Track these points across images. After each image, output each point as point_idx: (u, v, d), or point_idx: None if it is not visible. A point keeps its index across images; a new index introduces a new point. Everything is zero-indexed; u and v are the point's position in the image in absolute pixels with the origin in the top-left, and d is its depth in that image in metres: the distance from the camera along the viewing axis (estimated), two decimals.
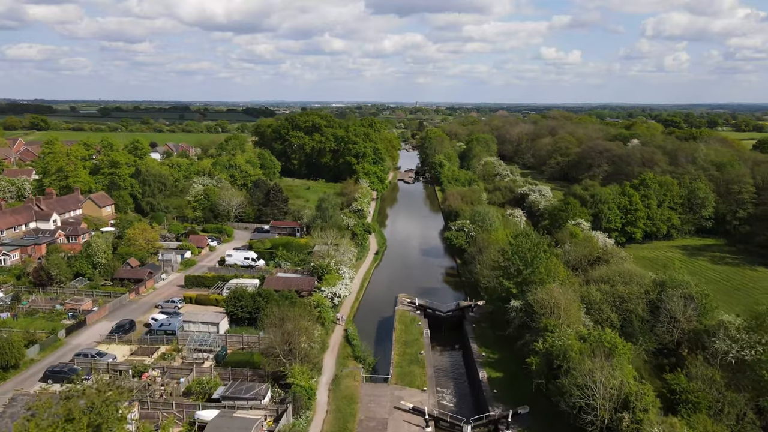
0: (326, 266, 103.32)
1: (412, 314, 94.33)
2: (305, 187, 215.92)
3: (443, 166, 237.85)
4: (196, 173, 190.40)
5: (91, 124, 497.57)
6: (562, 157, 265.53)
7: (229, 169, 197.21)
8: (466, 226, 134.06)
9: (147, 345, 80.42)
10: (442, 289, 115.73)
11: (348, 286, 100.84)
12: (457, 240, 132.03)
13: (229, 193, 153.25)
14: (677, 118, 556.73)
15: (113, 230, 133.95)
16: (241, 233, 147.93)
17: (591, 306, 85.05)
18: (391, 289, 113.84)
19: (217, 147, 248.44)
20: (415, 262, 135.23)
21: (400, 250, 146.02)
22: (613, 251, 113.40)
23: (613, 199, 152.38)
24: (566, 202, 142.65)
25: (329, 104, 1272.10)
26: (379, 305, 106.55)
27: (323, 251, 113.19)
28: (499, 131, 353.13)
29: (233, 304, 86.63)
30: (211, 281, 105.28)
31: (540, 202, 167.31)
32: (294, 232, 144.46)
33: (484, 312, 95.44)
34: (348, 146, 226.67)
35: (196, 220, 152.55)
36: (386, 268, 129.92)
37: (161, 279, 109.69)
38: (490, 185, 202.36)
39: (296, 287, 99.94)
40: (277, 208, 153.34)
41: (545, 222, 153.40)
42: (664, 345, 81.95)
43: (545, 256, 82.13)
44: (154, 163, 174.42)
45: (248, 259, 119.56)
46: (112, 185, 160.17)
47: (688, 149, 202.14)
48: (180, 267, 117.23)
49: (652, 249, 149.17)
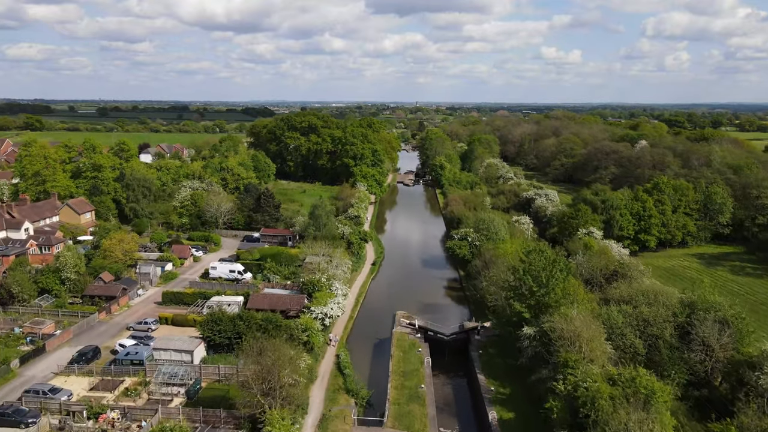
0: (317, 282, 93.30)
1: (412, 338, 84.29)
2: (300, 191, 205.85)
3: (444, 168, 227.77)
4: (185, 176, 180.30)
5: (87, 124, 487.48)
6: (567, 158, 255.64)
7: (220, 172, 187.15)
8: (469, 235, 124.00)
9: (110, 377, 70.39)
10: (444, 306, 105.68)
11: (341, 305, 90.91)
12: (460, 250, 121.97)
13: (218, 198, 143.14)
14: (680, 118, 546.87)
15: (91, 239, 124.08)
16: (229, 241, 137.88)
17: (612, 330, 75.18)
18: (389, 305, 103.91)
19: (211, 148, 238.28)
20: (414, 274, 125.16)
21: (399, 259, 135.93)
22: (630, 264, 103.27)
23: (625, 204, 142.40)
24: (577, 209, 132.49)
25: (329, 104, 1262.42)
26: (376, 324, 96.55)
27: (315, 263, 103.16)
28: (501, 132, 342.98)
29: (210, 329, 76.58)
30: (190, 298, 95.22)
31: (547, 208, 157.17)
32: (286, 241, 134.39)
33: (491, 334, 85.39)
34: (345, 148, 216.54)
35: (182, 227, 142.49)
36: (384, 280, 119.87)
37: (137, 295, 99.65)
38: (494, 188, 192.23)
39: (283, 306, 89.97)
40: (269, 214, 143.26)
41: (553, 229, 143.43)
42: (696, 374, 72.06)
43: (562, 275, 72.06)
44: (140, 166, 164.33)
45: (234, 272, 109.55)
46: (94, 190, 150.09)
47: (701, 151, 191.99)
48: (159, 281, 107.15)
49: (667, 258, 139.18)
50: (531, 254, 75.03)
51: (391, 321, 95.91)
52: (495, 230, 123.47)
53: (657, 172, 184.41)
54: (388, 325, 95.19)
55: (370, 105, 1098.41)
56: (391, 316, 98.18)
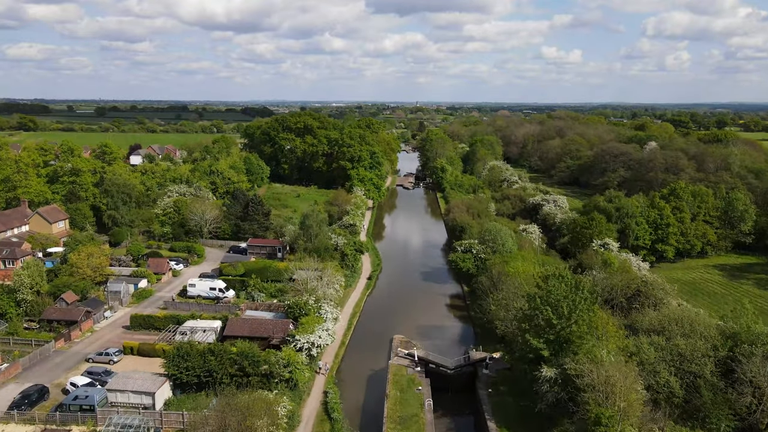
0: (304, 305, 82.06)
1: (410, 372, 72.99)
2: (295, 195, 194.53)
3: (445, 171, 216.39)
4: (172, 181, 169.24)
5: (82, 124, 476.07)
6: (573, 160, 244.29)
7: (210, 176, 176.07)
8: (474, 247, 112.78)
9: (54, 426, 59.23)
10: (446, 329, 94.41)
11: (331, 331, 79.71)
12: (464, 263, 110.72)
13: (202, 206, 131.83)
14: (684, 118, 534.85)
15: (62, 251, 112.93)
16: (214, 252, 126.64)
17: (643, 366, 64.13)
18: (386, 328, 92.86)
19: (202, 150, 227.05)
20: (414, 289, 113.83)
21: (397, 272, 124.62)
22: (654, 282, 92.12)
23: (641, 212, 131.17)
24: (590, 218, 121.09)
25: (329, 104, 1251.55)
26: (371, 351, 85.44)
27: (305, 279, 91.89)
28: (504, 132, 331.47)
29: (177, 365, 65.35)
30: (162, 323, 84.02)
31: (555, 215, 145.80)
32: (275, 252, 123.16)
33: (501, 367, 74.15)
34: (342, 149, 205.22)
35: (164, 236, 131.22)
36: (381, 297, 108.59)
37: (104, 318, 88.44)
38: (498, 193, 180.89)
39: (265, 333, 78.78)
40: (257, 223, 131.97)
41: (564, 239, 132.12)
42: (743, 419, 60.96)
43: (586, 305, 60.79)
44: (123, 170, 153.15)
45: (215, 289, 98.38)
46: (71, 196, 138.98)
47: (716, 153, 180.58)
48: (131, 300, 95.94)
49: (687, 270, 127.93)
50: (549, 280, 63.72)
51: (388, 347, 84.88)
52: (502, 242, 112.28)
53: (670, 175, 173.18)
54: (384, 351, 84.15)
55: (370, 105, 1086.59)
56: (387, 341, 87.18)
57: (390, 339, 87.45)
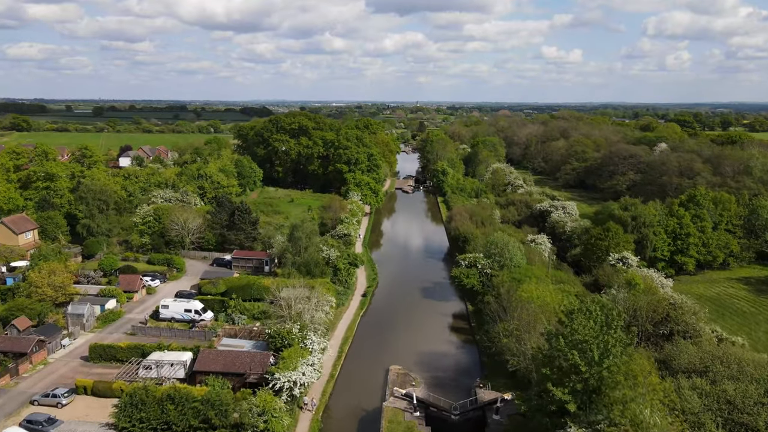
0: (287, 334, 71.08)
1: (408, 418, 61.88)
2: (288, 200, 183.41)
3: (447, 174, 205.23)
4: (157, 185, 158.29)
5: (77, 124, 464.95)
6: (579, 162, 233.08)
7: (198, 180, 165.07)
8: (479, 261, 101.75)
9: None
10: (449, 357, 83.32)
11: (317, 366, 68.74)
12: (468, 280, 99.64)
13: (184, 214, 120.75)
14: (687, 118, 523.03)
15: (26, 265, 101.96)
16: (196, 266, 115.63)
17: (685, 416, 53.40)
18: (381, 356, 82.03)
19: (192, 152, 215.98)
20: (413, 308, 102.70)
21: (395, 287, 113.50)
22: (682, 305, 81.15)
23: (659, 221, 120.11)
24: (606, 228, 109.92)
25: (330, 103, 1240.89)
26: (364, 385, 74.66)
27: (291, 299, 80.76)
28: (506, 133, 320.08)
29: (129, 416, 54.44)
30: (125, 354, 73.04)
31: (565, 223, 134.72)
32: (262, 265, 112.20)
33: (514, 412, 63.12)
34: (339, 152, 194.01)
35: (142, 247, 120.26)
36: (376, 318, 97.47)
37: (61, 347, 77.45)
38: (502, 198, 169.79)
39: (241, 368, 67.83)
40: (244, 232, 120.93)
41: (575, 250, 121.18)
42: None
43: (620, 347, 49.69)
44: (102, 174, 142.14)
45: (190, 311, 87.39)
46: (44, 203, 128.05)
47: (734, 156, 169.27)
48: (96, 324, 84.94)
49: (709, 284, 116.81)
50: (574, 316, 52.60)
51: (383, 380, 74.00)
52: (509, 255, 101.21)
53: (685, 180, 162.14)
54: (378, 386, 73.34)
55: (370, 105, 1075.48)
56: (383, 372, 76.30)
57: (386, 370, 76.59)
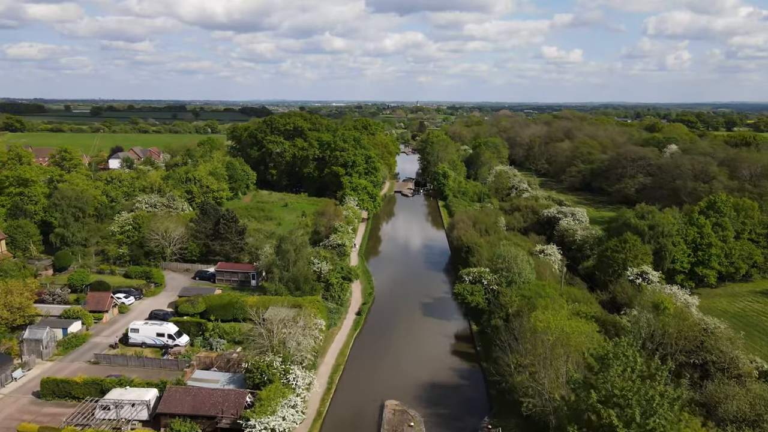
0: (267, 368, 61.43)
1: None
2: (282, 204, 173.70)
3: (448, 177, 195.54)
4: (141, 190, 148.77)
5: (72, 124, 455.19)
6: (584, 164, 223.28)
7: (185, 184, 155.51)
8: (484, 277, 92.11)
9: None
10: (452, 388, 73.48)
11: (301, 406, 59.14)
12: (473, 297, 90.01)
13: (165, 223, 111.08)
14: (691, 118, 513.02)
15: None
16: (177, 279, 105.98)
17: None
18: (376, 385, 72.62)
19: (184, 154, 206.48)
20: (412, 328, 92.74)
21: (392, 304, 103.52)
22: (716, 331, 71.49)
23: (677, 230, 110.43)
24: (623, 240, 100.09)
25: (330, 103, 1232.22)
26: (356, 424, 65.02)
27: (275, 321, 71.06)
28: (508, 133, 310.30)
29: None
30: (81, 390, 63.31)
31: (575, 231, 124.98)
32: (248, 279, 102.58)
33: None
34: (335, 154, 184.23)
35: (120, 259, 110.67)
36: (371, 340, 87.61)
37: (12, 380, 67.78)
38: (507, 203, 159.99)
39: (213, 410, 58.19)
40: (230, 242, 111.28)
41: (588, 262, 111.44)
42: None
43: (668, 404, 40.03)
44: (81, 179, 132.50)
45: (163, 335, 77.72)
46: (16, 210, 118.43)
47: (750, 158, 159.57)
48: (57, 351, 75.28)
49: (731, 298, 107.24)
50: (607, 363, 42.84)
51: (378, 418, 64.45)
52: (518, 270, 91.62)
53: (700, 184, 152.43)
54: (372, 425, 63.70)
55: (370, 104, 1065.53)
56: (377, 408, 66.78)
57: (380, 405, 67.06)
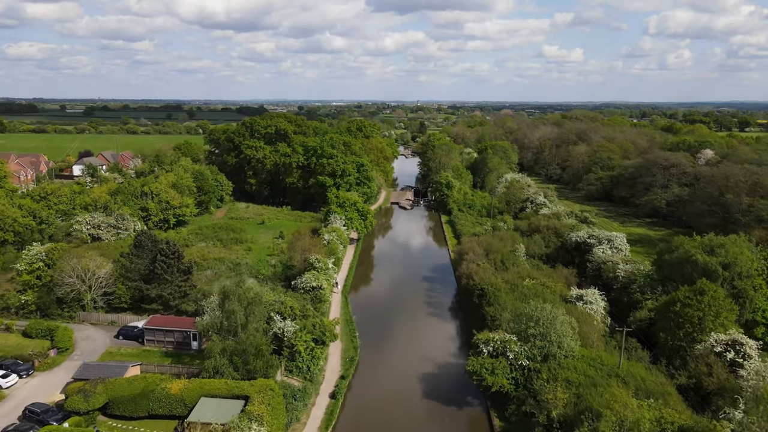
0: None
1: None
2: (258, 221, 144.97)
3: (452, 187, 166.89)
4: (84, 208, 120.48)
5: (58, 125, 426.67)
6: (604, 171, 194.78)
7: (140, 199, 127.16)
8: (510, 347, 63.67)
9: None
10: None
11: None
12: (494, 378, 61.66)
13: (85, 259, 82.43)
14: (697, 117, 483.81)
15: None
16: (95, 340, 77.43)
17: None
18: None
19: (152, 160, 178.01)
20: (409, 420, 64.02)
21: (382, 376, 74.63)
22: None
23: (756, 269, 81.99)
24: (698, 292, 70.82)
25: (330, 102, 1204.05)
26: None
27: (210, 425, 42.77)
28: (515, 135, 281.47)
29: None
30: None
31: (616, 264, 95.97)
32: (187, 341, 74.20)
33: None
34: (322, 161, 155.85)
35: (23, 308, 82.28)
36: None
37: None
38: (523, 222, 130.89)
39: None
40: (171, 285, 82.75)
41: (640, 313, 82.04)
42: None
43: None
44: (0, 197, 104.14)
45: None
46: None
47: None
48: None
49: None
50: None
51: None
52: (557, 338, 63.28)
53: (759, 200, 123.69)
54: None
55: (370, 104, 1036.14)
56: None
57: None
